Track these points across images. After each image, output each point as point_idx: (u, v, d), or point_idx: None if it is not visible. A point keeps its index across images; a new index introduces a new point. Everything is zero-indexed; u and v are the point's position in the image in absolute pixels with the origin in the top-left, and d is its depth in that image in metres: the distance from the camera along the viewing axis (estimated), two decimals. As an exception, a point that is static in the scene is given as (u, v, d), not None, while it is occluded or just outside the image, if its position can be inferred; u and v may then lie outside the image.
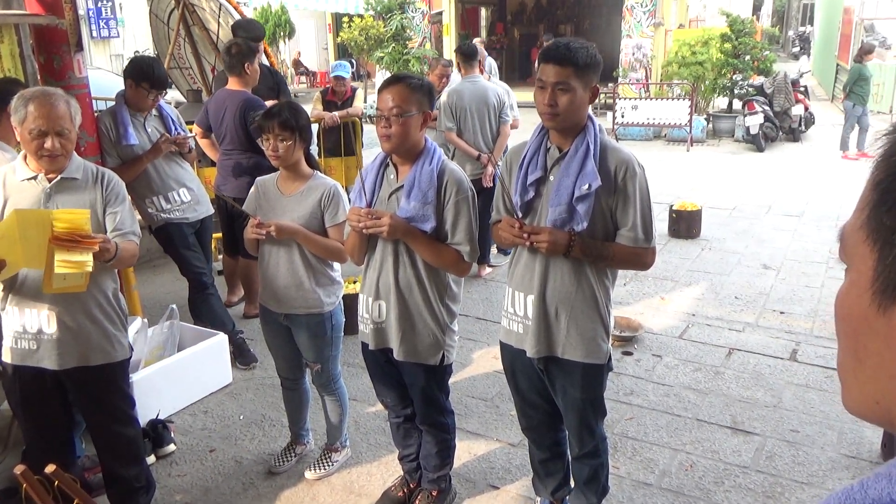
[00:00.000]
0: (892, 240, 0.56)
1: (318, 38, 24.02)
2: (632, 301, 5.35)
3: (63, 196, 2.57)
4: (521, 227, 2.36)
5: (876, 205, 0.58)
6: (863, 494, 0.52)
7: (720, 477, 3.25)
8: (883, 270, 0.57)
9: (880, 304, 0.57)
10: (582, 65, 2.28)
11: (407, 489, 3.10)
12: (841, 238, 0.64)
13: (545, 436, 2.79)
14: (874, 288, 0.58)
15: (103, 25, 16.72)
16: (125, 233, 2.64)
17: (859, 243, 0.60)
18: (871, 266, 0.58)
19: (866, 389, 0.61)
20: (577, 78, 2.29)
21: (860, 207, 0.61)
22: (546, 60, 2.31)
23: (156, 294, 5.46)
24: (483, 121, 5.52)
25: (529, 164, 2.44)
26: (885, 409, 0.60)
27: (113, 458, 2.86)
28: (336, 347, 3.19)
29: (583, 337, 2.45)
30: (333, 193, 2.97)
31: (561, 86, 2.29)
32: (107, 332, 2.67)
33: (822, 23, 21.59)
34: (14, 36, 3.83)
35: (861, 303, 0.60)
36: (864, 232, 0.59)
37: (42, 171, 2.57)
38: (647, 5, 13.03)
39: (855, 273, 0.61)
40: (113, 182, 2.67)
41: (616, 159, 2.36)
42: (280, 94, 5.36)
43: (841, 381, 0.66)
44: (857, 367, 0.62)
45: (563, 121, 2.33)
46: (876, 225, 0.58)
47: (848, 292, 0.63)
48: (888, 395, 0.59)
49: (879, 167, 0.58)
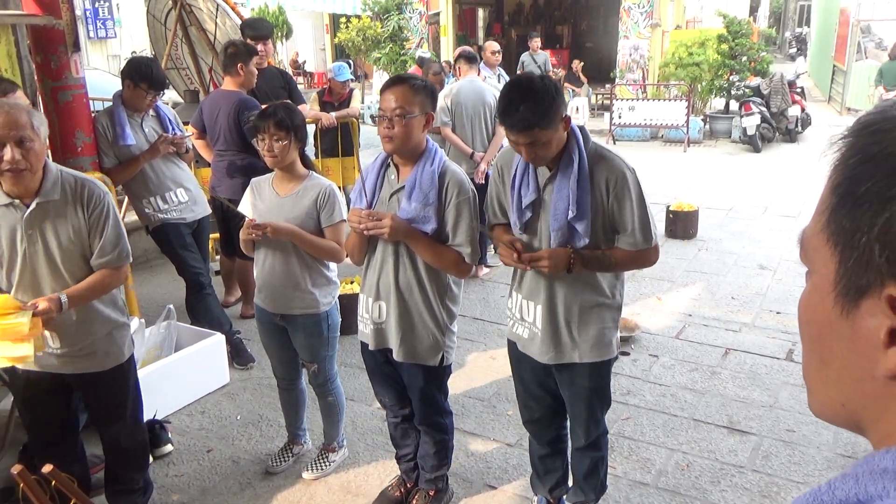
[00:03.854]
0: (853, 242, 0.55)
1: (316, 39, 24.00)
2: (628, 301, 5.35)
3: (44, 222, 2.44)
4: (520, 256, 2.39)
5: (835, 208, 0.58)
6: (830, 495, 0.53)
7: (716, 476, 3.26)
8: (844, 273, 0.57)
9: (843, 308, 0.57)
10: (544, 117, 2.22)
11: (404, 489, 3.10)
12: (801, 241, 0.64)
13: (546, 430, 2.80)
14: (836, 291, 0.58)
15: (100, 26, 16.71)
16: (106, 261, 2.53)
17: (820, 247, 0.60)
18: (832, 269, 0.58)
19: (832, 393, 0.61)
20: (544, 129, 2.24)
21: (819, 210, 0.61)
22: (510, 128, 2.27)
23: (153, 294, 5.45)
24: (479, 120, 5.54)
25: (521, 185, 2.45)
26: (851, 412, 0.60)
27: (121, 461, 2.86)
28: (332, 347, 3.19)
29: (593, 340, 2.49)
30: (329, 194, 2.97)
31: (533, 143, 2.27)
32: (111, 337, 2.66)
33: (819, 24, 21.62)
34: (11, 36, 3.83)
35: (824, 306, 0.59)
36: (825, 235, 0.59)
37: (16, 194, 2.40)
38: (644, 6, 13.03)
39: (817, 276, 0.61)
40: (94, 198, 2.49)
41: (606, 170, 2.37)
42: (291, 93, 5.36)
43: (807, 385, 0.65)
44: (823, 370, 0.62)
45: (546, 159, 2.36)
46: (836, 228, 0.57)
47: (810, 296, 0.62)
48: (854, 398, 0.59)
49: (837, 170, 0.59)
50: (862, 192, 0.55)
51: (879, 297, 0.54)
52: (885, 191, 0.53)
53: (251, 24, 5.48)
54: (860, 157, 0.56)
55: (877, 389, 0.56)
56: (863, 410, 0.59)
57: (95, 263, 2.54)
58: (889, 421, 0.56)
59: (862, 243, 0.55)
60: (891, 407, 0.56)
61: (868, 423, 0.59)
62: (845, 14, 14.93)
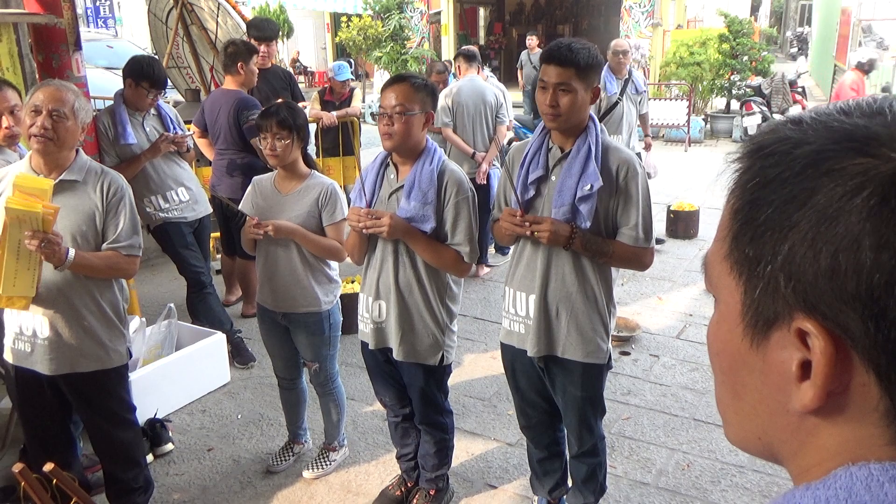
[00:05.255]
0: (757, 272, 0.52)
1: (317, 38, 23.99)
2: (629, 301, 5.36)
3: (62, 198, 2.51)
4: (523, 216, 2.37)
5: (736, 235, 0.55)
6: None
7: (717, 476, 3.26)
8: (751, 304, 0.54)
9: (752, 339, 0.54)
10: (583, 66, 2.29)
11: (405, 488, 3.10)
12: (705, 267, 0.61)
13: (543, 435, 2.80)
14: (745, 322, 0.55)
15: (101, 24, 16.72)
16: (120, 246, 2.58)
17: (724, 275, 0.57)
18: (738, 299, 0.55)
19: (747, 426, 0.58)
20: (579, 79, 2.30)
21: (721, 237, 0.57)
22: (548, 61, 2.33)
23: (154, 293, 5.45)
24: (480, 120, 5.53)
25: (531, 163, 2.45)
26: (767, 444, 0.57)
27: (110, 460, 2.86)
28: (334, 346, 3.20)
29: (583, 337, 2.46)
30: (331, 192, 2.98)
31: (563, 87, 2.30)
32: (100, 340, 2.63)
33: (820, 23, 21.61)
34: (13, 35, 3.83)
35: (733, 338, 0.56)
36: (728, 263, 0.56)
37: (43, 170, 2.53)
38: (646, 6, 13.02)
39: (723, 305, 0.58)
40: (115, 188, 2.60)
41: (617, 159, 2.38)
42: (293, 94, 5.36)
43: (721, 416, 0.62)
44: (737, 403, 0.58)
45: (565, 122, 2.35)
46: (739, 256, 0.54)
47: (719, 326, 0.59)
48: (769, 431, 0.56)
49: (735, 194, 0.55)
50: (762, 219, 0.52)
51: (789, 328, 0.51)
52: (785, 219, 0.50)
53: (256, 24, 5.48)
54: (758, 181, 0.53)
55: (792, 423, 0.54)
56: (779, 444, 0.56)
57: (107, 248, 2.57)
58: (806, 455, 0.54)
59: (767, 273, 0.51)
60: (808, 441, 0.53)
61: (785, 457, 0.57)
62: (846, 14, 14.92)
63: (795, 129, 0.54)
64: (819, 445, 0.53)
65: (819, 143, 0.51)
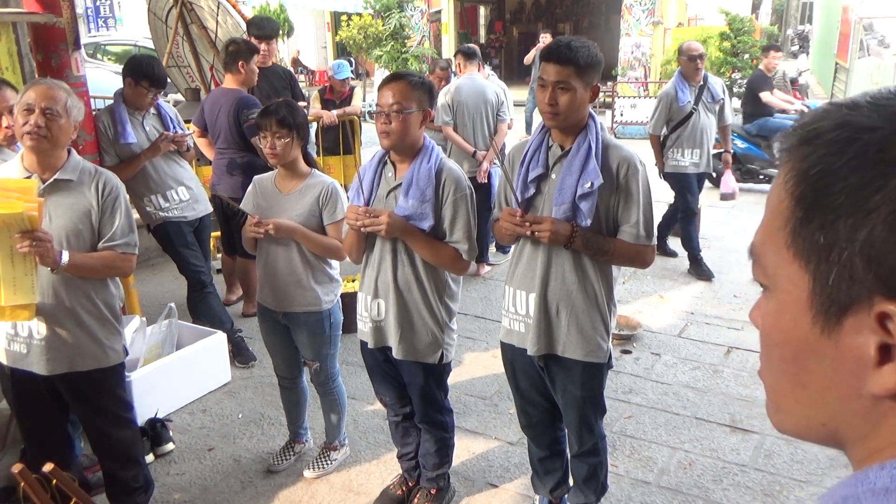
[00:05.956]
0: (831, 258, 0.52)
1: (317, 37, 23.97)
2: (631, 299, 5.35)
3: (57, 198, 2.51)
4: (523, 216, 2.36)
5: (802, 222, 0.55)
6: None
7: (719, 475, 3.25)
8: (822, 292, 0.54)
9: (823, 327, 0.54)
10: (583, 64, 2.29)
11: (406, 487, 3.10)
12: (755, 257, 0.61)
13: (544, 434, 2.79)
14: (814, 310, 0.55)
15: (101, 23, 16.71)
16: (117, 245, 2.57)
17: (784, 263, 0.57)
18: (804, 287, 0.55)
19: (811, 413, 0.58)
20: (578, 77, 2.29)
21: (777, 225, 0.57)
22: (547, 60, 2.32)
23: (154, 293, 5.45)
24: (481, 118, 5.51)
25: (531, 162, 2.45)
26: (832, 430, 0.58)
27: (109, 459, 2.85)
28: (334, 346, 3.19)
29: (583, 335, 2.45)
30: (331, 191, 2.97)
31: (562, 85, 2.29)
32: (97, 338, 2.62)
33: (821, 21, 21.58)
34: (12, 34, 3.82)
35: (799, 326, 0.56)
36: (791, 251, 0.56)
37: (37, 170, 2.51)
38: (646, 4, 13.00)
39: (784, 294, 0.58)
40: (110, 187, 2.58)
41: (618, 157, 2.37)
42: (294, 93, 5.36)
43: (774, 405, 0.63)
44: (799, 391, 0.59)
45: (564, 120, 2.34)
46: (806, 244, 0.54)
47: (780, 316, 0.59)
48: (837, 416, 0.56)
49: (798, 181, 0.55)
50: (834, 205, 0.52)
51: (868, 313, 0.51)
52: (862, 203, 0.50)
53: (257, 23, 5.47)
54: (821, 167, 0.53)
55: (864, 407, 0.54)
56: (847, 429, 0.56)
57: (102, 247, 2.56)
58: (877, 437, 0.54)
59: (843, 259, 0.52)
60: (882, 423, 0.54)
61: (851, 441, 0.57)
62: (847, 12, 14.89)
63: (854, 113, 0.54)
64: (893, 426, 0.54)
65: (890, 127, 0.51)
